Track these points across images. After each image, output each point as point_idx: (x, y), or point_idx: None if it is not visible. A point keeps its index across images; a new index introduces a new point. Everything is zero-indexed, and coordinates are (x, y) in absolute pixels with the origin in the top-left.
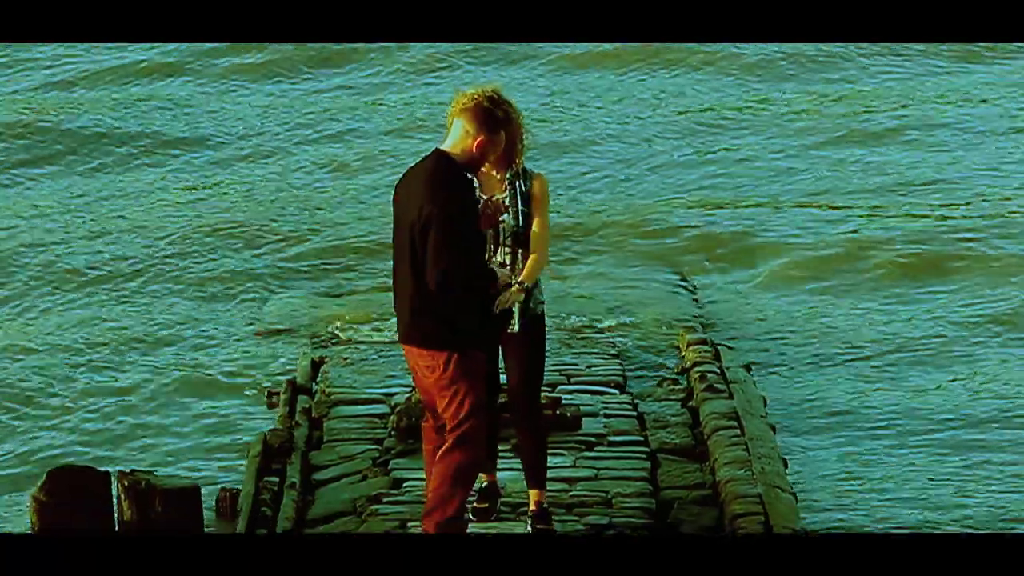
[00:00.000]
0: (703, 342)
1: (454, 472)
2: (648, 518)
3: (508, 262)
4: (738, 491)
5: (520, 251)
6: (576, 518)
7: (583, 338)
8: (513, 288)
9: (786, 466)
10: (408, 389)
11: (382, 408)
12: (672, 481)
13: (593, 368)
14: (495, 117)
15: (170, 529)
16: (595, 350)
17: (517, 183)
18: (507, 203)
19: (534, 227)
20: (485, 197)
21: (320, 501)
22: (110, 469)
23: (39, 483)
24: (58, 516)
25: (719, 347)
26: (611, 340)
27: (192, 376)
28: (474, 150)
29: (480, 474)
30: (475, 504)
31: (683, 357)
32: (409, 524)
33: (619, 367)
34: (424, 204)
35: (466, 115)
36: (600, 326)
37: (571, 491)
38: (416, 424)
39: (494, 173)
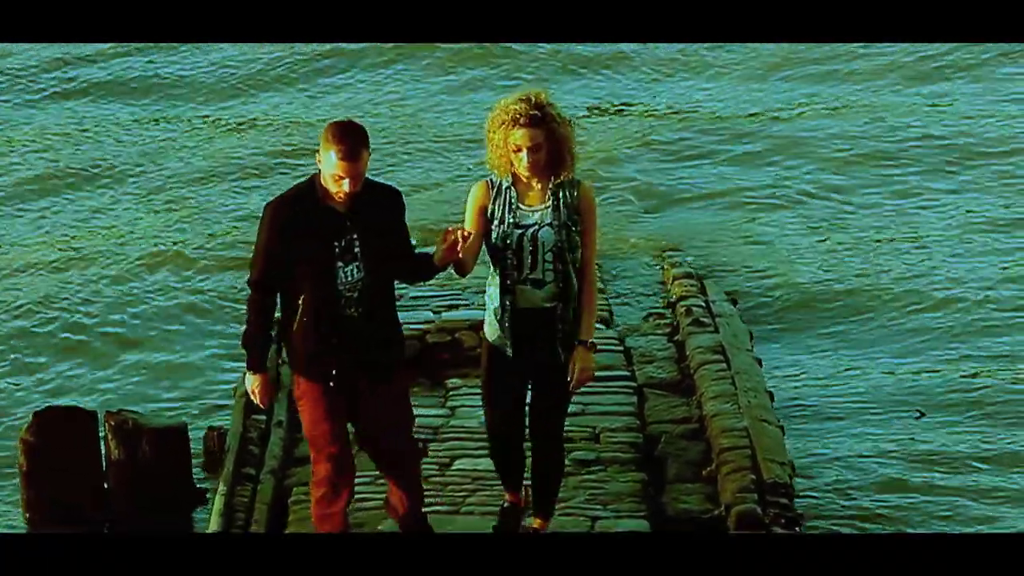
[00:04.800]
0: (689, 276)
1: None
2: (635, 452)
3: (550, 279)
4: (725, 425)
5: (561, 268)
6: None
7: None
8: (582, 353)
9: (772, 399)
10: None
11: None
12: (659, 415)
13: None
14: (331, 133)
15: (157, 468)
16: None
17: (561, 193)
18: (548, 217)
19: (582, 247)
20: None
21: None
22: (97, 409)
23: (26, 425)
24: (46, 457)
25: (704, 281)
26: (597, 275)
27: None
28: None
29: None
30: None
31: (669, 291)
32: None
33: (604, 302)
34: None
35: None
36: None
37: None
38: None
39: (534, 183)
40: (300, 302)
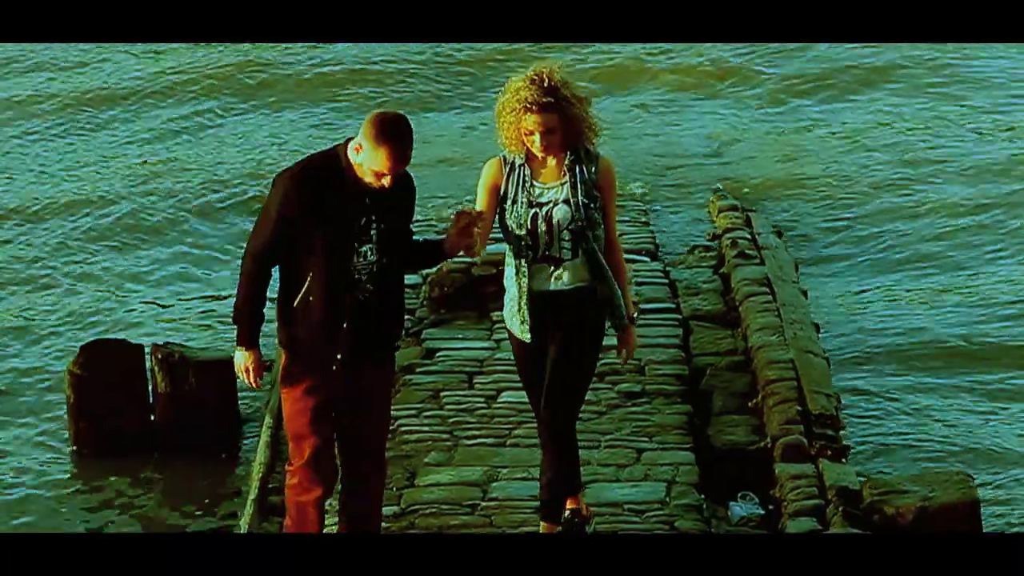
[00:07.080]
0: (734, 208)
1: None
2: (680, 384)
3: (567, 258)
4: (770, 357)
5: (585, 247)
6: (609, 386)
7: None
8: (628, 328)
9: (818, 331)
10: None
11: (414, 278)
12: (704, 348)
13: (624, 236)
14: (386, 130)
15: (203, 401)
16: (626, 218)
17: (578, 168)
18: (565, 194)
19: (604, 224)
20: (461, 210)
21: None
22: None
23: (74, 357)
24: (93, 389)
25: (750, 213)
26: (643, 208)
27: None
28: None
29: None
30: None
31: (714, 224)
32: (442, 393)
33: (650, 235)
34: None
35: None
36: (633, 192)
37: (604, 359)
38: (448, 294)
39: (549, 160)
40: (308, 280)
